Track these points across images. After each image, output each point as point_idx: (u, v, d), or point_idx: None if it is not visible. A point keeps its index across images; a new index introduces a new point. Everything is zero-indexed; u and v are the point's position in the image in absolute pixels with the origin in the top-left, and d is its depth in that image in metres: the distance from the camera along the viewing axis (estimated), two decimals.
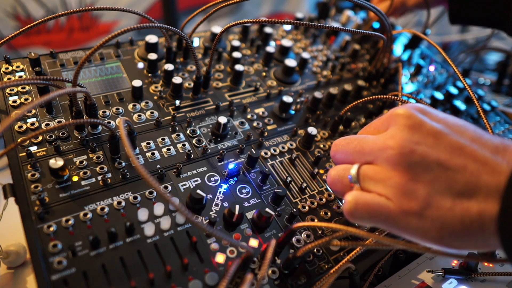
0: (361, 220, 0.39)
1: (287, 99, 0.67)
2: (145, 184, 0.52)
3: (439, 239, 0.35)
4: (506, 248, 0.32)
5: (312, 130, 0.63)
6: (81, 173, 0.51)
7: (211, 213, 0.52)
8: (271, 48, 0.79)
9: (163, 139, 0.59)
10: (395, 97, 0.60)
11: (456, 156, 0.35)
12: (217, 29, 0.78)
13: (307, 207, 0.57)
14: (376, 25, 0.99)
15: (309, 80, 0.79)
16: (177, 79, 0.64)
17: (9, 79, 0.61)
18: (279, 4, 1.85)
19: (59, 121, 0.57)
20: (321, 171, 0.62)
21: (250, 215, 0.53)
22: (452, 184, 0.34)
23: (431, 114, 0.39)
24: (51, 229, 0.45)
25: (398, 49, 0.97)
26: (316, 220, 0.56)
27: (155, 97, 0.65)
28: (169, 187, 0.53)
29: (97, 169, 0.52)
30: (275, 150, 0.63)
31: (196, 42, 0.79)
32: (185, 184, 0.54)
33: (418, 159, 0.36)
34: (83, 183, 0.50)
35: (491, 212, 0.32)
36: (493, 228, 0.32)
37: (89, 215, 0.47)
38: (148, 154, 0.56)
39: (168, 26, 0.56)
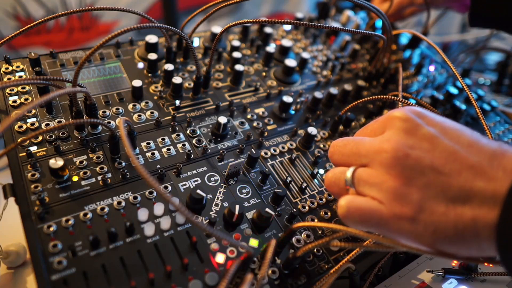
0: (354, 224, 0.39)
1: (287, 99, 0.67)
2: (145, 184, 0.52)
3: (433, 243, 0.35)
4: (502, 256, 0.32)
5: (312, 130, 0.63)
6: (81, 173, 0.51)
7: (211, 213, 0.52)
8: (271, 48, 0.79)
9: (163, 139, 0.59)
10: (395, 97, 0.60)
11: (451, 162, 0.34)
12: (217, 29, 0.78)
13: (307, 207, 0.57)
14: (378, 23, 0.99)
15: (309, 80, 0.79)
16: (177, 79, 0.64)
17: (9, 79, 0.61)
18: (279, 4, 1.85)
19: (59, 121, 0.57)
20: (321, 171, 0.62)
21: (250, 215, 0.53)
22: (446, 189, 0.34)
23: (428, 117, 0.38)
24: (51, 229, 0.45)
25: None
26: (316, 220, 0.56)
27: (155, 97, 0.65)
28: (169, 187, 0.53)
29: (97, 169, 0.52)
30: (275, 150, 0.63)
31: (196, 42, 0.79)
32: (185, 184, 0.54)
33: (412, 163, 0.35)
34: (83, 183, 0.50)
35: (485, 219, 0.32)
36: (488, 234, 0.32)
37: (89, 215, 0.47)
38: (148, 154, 0.56)
39: (168, 26, 0.56)
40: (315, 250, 0.52)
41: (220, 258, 0.47)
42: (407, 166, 0.36)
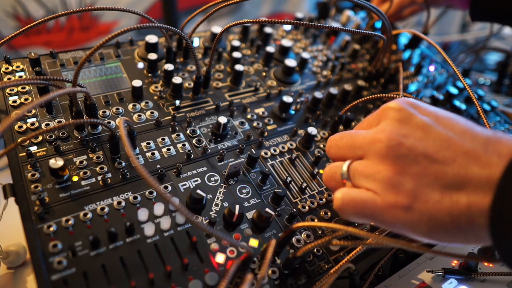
0: (350, 216, 0.39)
1: (287, 99, 0.67)
2: (145, 184, 0.52)
3: (428, 232, 0.35)
4: (495, 242, 0.32)
5: (312, 130, 0.63)
6: (81, 173, 0.51)
7: (211, 213, 0.52)
8: (271, 48, 0.79)
9: (163, 139, 0.59)
10: (395, 96, 0.60)
11: (444, 149, 0.34)
12: (217, 29, 0.78)
13: (307, 207, 0.57)
14: (378, 24, 0.98)
15: (309, 80, 0.79)
16: (177, 79, 0.64)
17: (9, 79, 0.61)
18: (279, 4, 1.85)
19: (59, 121, 0.57)
20: (321, 171, 0.62)
21: (250, 215, 0.53)
22: (440, 177, 0.34)
23: (421, 107, 0.39)
24: (51, 229, 0.45)
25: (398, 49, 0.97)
26: (316, 220, 0.56)
27: (155, 97, 0.65)
28: (169, 187, 0.53)
29: (97, 169, 0.52)
30: (275, 150, 0.63)
31: (196, 42, 0.79)
32: (185, 184, 0.54)
33: (406, 152, 0.36)
34: (83, 183, 0.50)
35: (480, 205, 0.32)
36: (483, 221, 0.31)
37: (89, 215, 0.47)
38: (148, 154, 0.56)
39: (168, 26, 0.56)
40: (315, 250, 0.52)
41: (220, 258, 0.47)
42: (400, 155, 0.36)
